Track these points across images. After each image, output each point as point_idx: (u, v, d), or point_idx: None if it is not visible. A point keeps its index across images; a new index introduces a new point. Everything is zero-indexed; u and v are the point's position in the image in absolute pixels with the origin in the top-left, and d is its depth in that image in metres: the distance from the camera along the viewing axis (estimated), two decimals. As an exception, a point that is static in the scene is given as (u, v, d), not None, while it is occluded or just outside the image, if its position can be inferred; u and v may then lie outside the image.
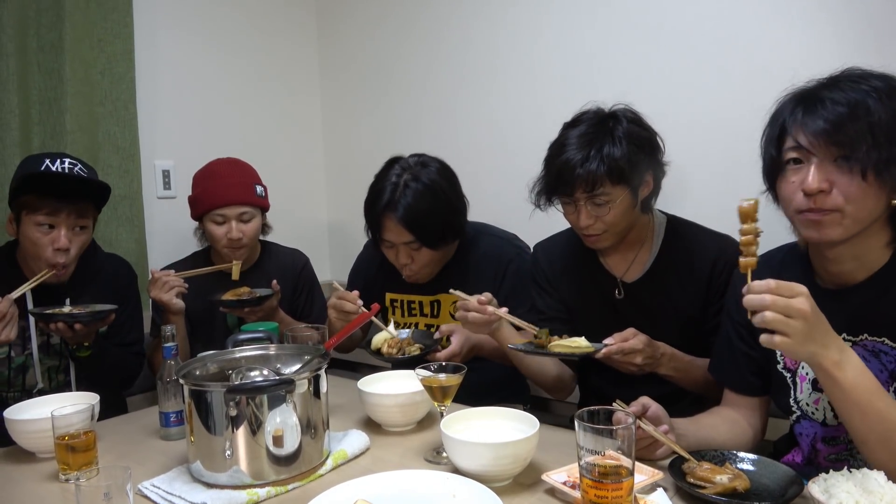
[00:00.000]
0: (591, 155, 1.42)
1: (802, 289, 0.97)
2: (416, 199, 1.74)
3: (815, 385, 1.20)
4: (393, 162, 1.85)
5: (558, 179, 1.48)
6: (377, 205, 1.78)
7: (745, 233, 1.03)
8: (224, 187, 1.99)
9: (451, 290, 1.60)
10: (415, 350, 1.68)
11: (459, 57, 2.53)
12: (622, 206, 1.47)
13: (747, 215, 1.02)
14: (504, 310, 1.53)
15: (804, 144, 1.09)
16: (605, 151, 1.42)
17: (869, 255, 1.13)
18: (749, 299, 0.99)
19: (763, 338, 0.98)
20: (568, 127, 1.53)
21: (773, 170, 1.16)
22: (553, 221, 1.68)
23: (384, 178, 1.81)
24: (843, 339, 1.13)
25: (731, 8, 1.88)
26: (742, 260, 1.04)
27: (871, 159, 1.02)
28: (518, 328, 1.54)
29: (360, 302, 1.69)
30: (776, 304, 0.96)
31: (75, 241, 1.67)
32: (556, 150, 1.50)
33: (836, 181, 1.06)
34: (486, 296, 1.51)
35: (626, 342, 1.38)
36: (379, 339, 1.72)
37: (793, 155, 1.11)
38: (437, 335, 1.71)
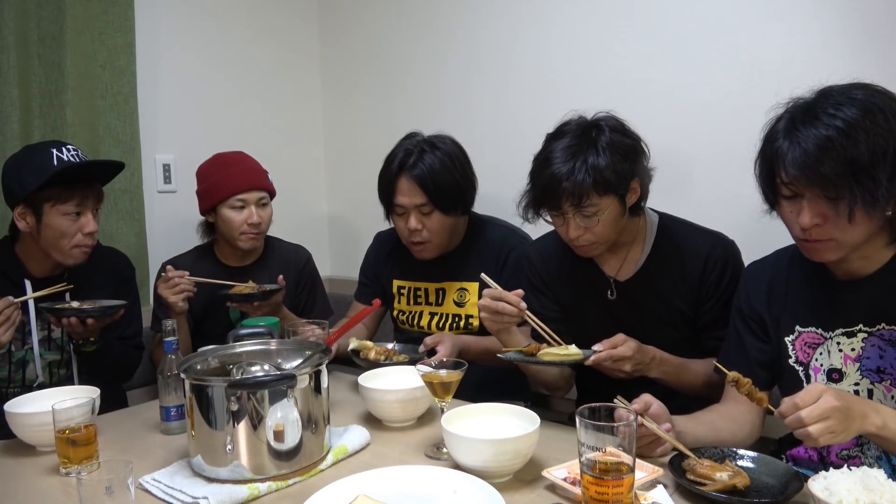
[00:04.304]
0: (577, 167, 1.40)
1: (821, 387, 1.00)
2: (431, 161, 1.80)
3: (830, 376, 1.21)
4: (409, 136, 1.91)
5: (545, 193, 1.46)
6: (391, 168, 1.83)
7: (741, 386, 1.13)
8: (243, 173, 2.02)
9: (483, 276, 1.56)
10: (402, 359, 1.69)
11: (463, 49, 2.51)
12: (611, 215, 1.45)
13: (738, 384, 1.14)
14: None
15: (790, 182, 1.11)
16: (591, 162, 1.40)
17: (874, 254, 1.16)
18: (788, 423, 1.01)
19: (809, 444, 1.01)
20: (551, 139, 1.50)
21: (770, 198, 1.19)
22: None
23: (399, 146, 1.87)
24: (860, 329, 1.17)
25: (734, 6, 1.87)
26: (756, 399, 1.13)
27: (856, 200, 1.03)
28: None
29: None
30: (811, 415, 0.97)
31: (96, 223, 1.73)
32: (542, 164, 1.47)
33: (829, 216, 1.08)
34: (519, 292, 1.49)
35: (615, 349, 1.37)
36: (363, 344, 1.73)
37: (785, 192, 1.13)
38: (421, 348, 1.70)
